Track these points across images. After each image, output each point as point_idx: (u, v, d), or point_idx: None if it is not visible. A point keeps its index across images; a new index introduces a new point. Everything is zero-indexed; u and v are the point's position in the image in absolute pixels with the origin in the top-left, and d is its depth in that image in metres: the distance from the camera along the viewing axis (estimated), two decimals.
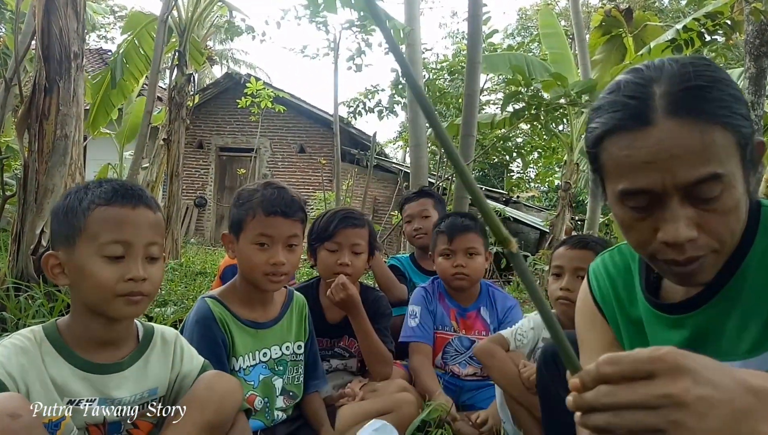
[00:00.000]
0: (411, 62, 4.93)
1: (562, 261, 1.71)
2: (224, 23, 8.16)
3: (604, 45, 7.18)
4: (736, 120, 0.74)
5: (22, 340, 1.03)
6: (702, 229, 0.76)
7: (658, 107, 0.73)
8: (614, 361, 0.57)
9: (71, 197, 1.09)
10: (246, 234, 1.47)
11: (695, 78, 0.74)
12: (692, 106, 0.72)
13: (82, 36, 3.05)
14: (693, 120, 0.72)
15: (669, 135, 0.72)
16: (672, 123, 0.73)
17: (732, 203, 0.75)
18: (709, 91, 0.73)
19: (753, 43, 3.90)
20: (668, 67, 0.76)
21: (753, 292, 0.82)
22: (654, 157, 0.73)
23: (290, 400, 1.58)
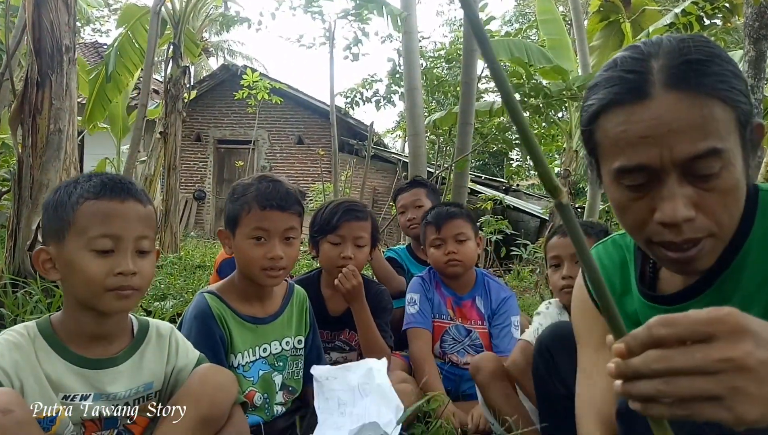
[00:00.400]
0: (407, 51, 4.89)
1: (558, 250, 1.70)
2: (218, 15, 8.10)
3: (602, 30, 7.12)
4: (736, 95, 0.72)
5: (15, 336, 1.03)
6: (700, 209, 0.73)
7: (656, 81, 0.71)
8: (669, 323, 0.52)
9: (61, 191, 1.08)
10: (242, 229, 1.45)
11: (694, 52, 0.72)
12: (691, 79, 0.71)
13: (74, 29, 3.02)
14: (692, 93, 0.70)
15: (667, 108, 0.70)
16: (670, 96, 0.71)
17: (731, 182, 0.73)
18: (708, 65, 0.71)
19: (752, 26, 3.86)
20: (666, 42, 0.74)
21: (752, 279, 0.80)
22: (652, 131, 0.71)
23: (289, 394, 1.57)
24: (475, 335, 2.05)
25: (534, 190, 13.52)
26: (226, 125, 12.45)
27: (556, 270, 1.70)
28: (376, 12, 4.14)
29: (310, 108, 11.96)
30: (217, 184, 12.45)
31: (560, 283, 1.67)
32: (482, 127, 8.54)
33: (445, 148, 8.16)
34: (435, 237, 2.04)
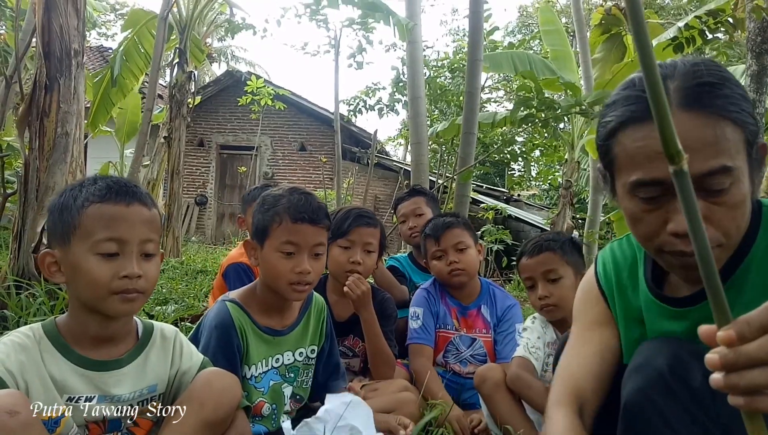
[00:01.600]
0: (412, 60, 4.92)
1: (529, 271, 1.72)
2: (224, 21, 8.15)
3: (604, 43, 7.15)
4: (745, 117, 0.77)
5: (21, 338, 1.03)
6: (710, 222, 0.77)
7: (672, 101, 0.76)
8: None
9: (66, 195, 1.09)
10: (271, 241, 1.41)
11: (707, 75, 0.77)
12: (704, 100, 0.76)
13: (83, 33, 3.04)
14: (705, 113, 0.75)
15: (683, 127, 0.74)
16: (685, 115, 0.75)
17: (739, 197, 0.77)
18: (720, 88, 0.77)
19: (755, 41, 3.89)
20: (681, 65, 0.79)
21: (754, 289, 0.84)
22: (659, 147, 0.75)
23: (297, 403, 1.56)
24: (479, 344, 2.05)
25: (535, 200, 13.53)
26: (229, 131, 12.49)
27: (532, 290, 1.72)
28: (383, 21, 4.17)
29: (313, 115, 12.00)
30: (219, 190, 12.47)
31: (538, 304, 1.70)
32: (485, 137, 8.56)
33: (448, 158, 8.18)
34: (435, 249, 2.06)
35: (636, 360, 0.90)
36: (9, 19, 6.84)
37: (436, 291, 2.11)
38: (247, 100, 8.41)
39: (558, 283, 1.68)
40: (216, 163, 12.52)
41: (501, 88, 13.82)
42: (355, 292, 1.76)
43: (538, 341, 1.71)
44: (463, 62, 7.91)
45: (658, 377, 0.83)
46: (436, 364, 2.06)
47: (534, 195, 14.18)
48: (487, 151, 9.00)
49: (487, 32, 8.02)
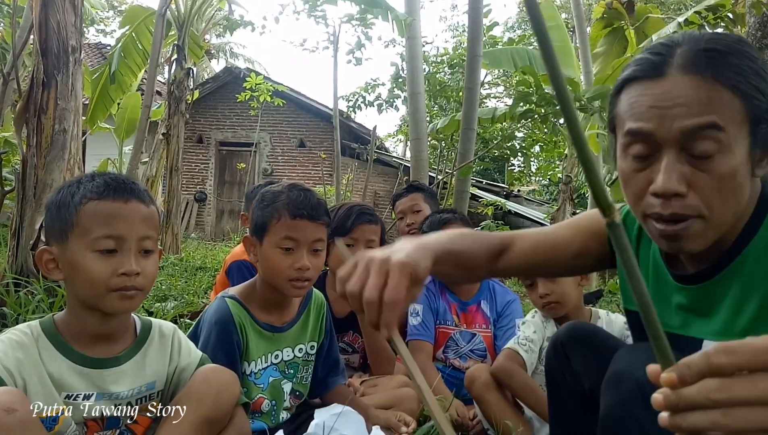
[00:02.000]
0: (411, 55, 4.90)
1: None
2: (223, 18, 8.13)
3: (606, 37, 7.13)
4: (749, 90, 0.76)
5: (18, 335, 1.03)
6: (693, 188, 0.77)
7: (674, 63, 0.78)
8: (730, 350, 0.49)
9: (64, 191, 1.08)
10: (270, 237, 1.41)
11: (716, 44, 0.77)
12: (704, 65, 0.76)
13: (80, 30, 3.03)
14: (703, 77, 0.76)
15: (676, 85, 0.77)
16: (682, 77, 0.77)
17: (727, 168, 0.76)
18: (726, 56, 0.76)
19: (755, 36, 3.87)
20: (696, 34, 0.80)
21: (750, 278, 0.83)
22: (659, 102, 0.77)
23: (296, 399, 1.56)
24: (479, 339, 2.05)
25: (534, 195, 13.53)
26: (228, 127, 12.47)
27: (532, 289, 1.71)
28: (381, 17, 4.16)
29: (312, 111, 11.98)
30: (218, 186, 12.46)
31: (540, 302, 1.69)
32: (484, 132, 8.55)
33: (447, 153, 8.17)
34: None
35: (615, 368, 0.88)
36: (6, 15, 6.82)
37: (435, 287, 2.11)
38: (246, 97, 8.39)
39: (558, 280, 1.67)
40: (215, 159, 12.50)
41: (500, 83, 13.80)
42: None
43: (533, 335, 1.71)
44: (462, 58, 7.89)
45: (637, 389, 0.80)
46: (436, 359, 2.06)
47: (534, 190, 14.18)
48: (487, 146, 8.98)
49: (486, 28, 7.99)
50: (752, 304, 0.82)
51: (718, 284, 0.86)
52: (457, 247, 0.98)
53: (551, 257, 1.06)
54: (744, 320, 0.83)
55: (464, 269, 1.01)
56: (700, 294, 0.88)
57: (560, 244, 1.05)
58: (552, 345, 1.20)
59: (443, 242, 0.95)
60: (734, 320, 0.84)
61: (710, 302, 0.87)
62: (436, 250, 0.90)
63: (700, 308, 0.89)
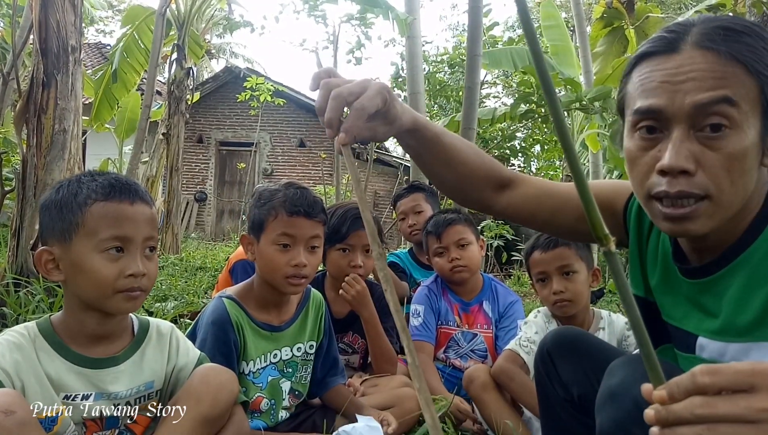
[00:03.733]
0: (411, 55, 4.90)
1: (542, 266, 1.68)
2: (223, 17, 8.12)
3: (606, 37, 7.12)
4: (765, 70, 0.74)
5: (16, 337, 1.03)
6: (702, 166, 0.75)
7: (689, 40, 0.77)
8: (713, 372, 0.54)
9: (64, 191, 1.07)
10: (267, 234, 1.43)
11: (731, 23, 0.77)
12: (719, 41, 0.75)
13: (80, 29, 3.03)
14: (717, 52, 0.74)
15: (690, 60, 0.75)
16: (696, 52, 0.75)
17: (737, 147, 0.74)
18: (741, 35, 0.75)
19: None
20: (712, 15, 0.80)
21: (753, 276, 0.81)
22: (671, 77, 0.76)
23: (295, 398, 1.56)
24: (480, 340, 2.05)
25: None
26: (228, 127, 12.47)
27: (544, 284, 1.69)
28: (382, 16, 4.15)
29: (312, 111, 11.95)
30: (218, 186, 12.46)
31: (552, 298, 1.67)
32: (484, 132, 8.54)
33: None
34: (437, 246, 2.05)
35: (610, 385, 0.87)
36: (6, 15, 6.82)
37: (437, 288, 2.11)
38: (246, 97, 8.39)
39: (573, 278, 1.65)
40: (215, 159, 12.50)
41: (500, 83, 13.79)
42: (350, 292, 1.75)
43: (535, 335, 1.69)
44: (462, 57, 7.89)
45: (635, 407, 0.79)
46: (437, 359, 2.06)
47: None
48: (487, 146, 8.98)
49: (486, 27, 7.99)
50: (755, 304, 0.80)
51: (722, 280, 0.85)
52: (449, 139, 0.97)
53: (555, 212, 1.02)
54: (745, 320, 0.81)
55: (454, 172, 0.99)
56: (704, 289, 0.87)
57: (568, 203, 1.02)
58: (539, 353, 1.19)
59: (436, 126, 0.95)
60: (735, 319, 0.83)
61: (713, 298, 0.86)
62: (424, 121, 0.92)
63: (703, 303, 0.88)
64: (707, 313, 0.87)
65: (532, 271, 1.73)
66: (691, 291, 0.89)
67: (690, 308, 0.90)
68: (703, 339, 0.87)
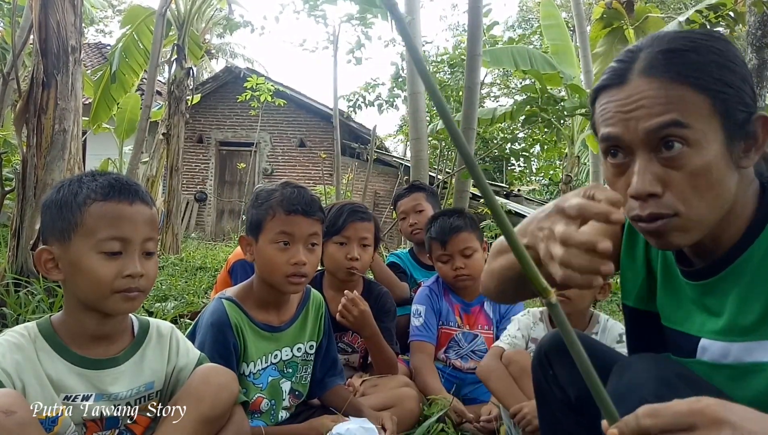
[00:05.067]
0: None
1: None
2: (223, 17, 8.12)
3: (606, 37, 7.13)
4: (713, 84, 0.77)
5: (16, 337, 1.02)
6: (668, 187, 0.78)
7: (635, 69, 0.80)
8: (654, 414, 0.58)
9: (64, 190, 1.06)
10: (266, 234, 1.43)
11: (677, 43, 0.79)
12: (662, 66, 0.78)
13: (80, 30, 3.03)
14: (660, 78, 0.78)
15: (637, 90, 0.79)
16: (642, 80, 0.79)
17: (699, 164, 0.77)
18: (686, 54, 0.78)
19: (755, 35, 3.87)
20: (661, 35, 0.82)
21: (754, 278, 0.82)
22: (622, 107, 0.80)
23: (295, 399, 1.56)
24: (481, 340, 2.05)
25: (535, 195, 13.52)
26: (228, 127, 12.47)
27: None
28: (381, 16, 4.16)
29: (312, 111, 11.98)
30: (218, 186, 12.46)
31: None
32: (484, 132, 8.54)
33: (447, 153, 8.17)
34: (441, 253, 2.03)
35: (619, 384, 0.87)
36: (7, 15, 6.82)
37: (439, 288, 2.11)
38: (246, 97, 8.39)
39: None
40: (215, 159, 12.50)
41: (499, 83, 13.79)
42: (352, 313, 1.72)
43: (516, 332, 1.73)
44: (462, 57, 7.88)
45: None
46: (437, 359, 2.06)
47: (534, 190, 14.17)
48: (487, 146, 8.98)
49: (486, 27, 7.99)
50: (757, 304, 0.81)
51: (724, 281, 0.85)
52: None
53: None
54: (748, 320, 0.82)
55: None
56: (707, 290, 0.88)
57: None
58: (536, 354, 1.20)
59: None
60: (737, 320, 0.83)
61: (716, 299, 0.87)
62: None
63: (707, 304, 0.88)
64: (711, 313, 0.87)
65: None
66: (695, 293, 0.90)
67: (693, 310, 0.91)
68: (706, 340, 0.87)
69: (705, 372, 0.86)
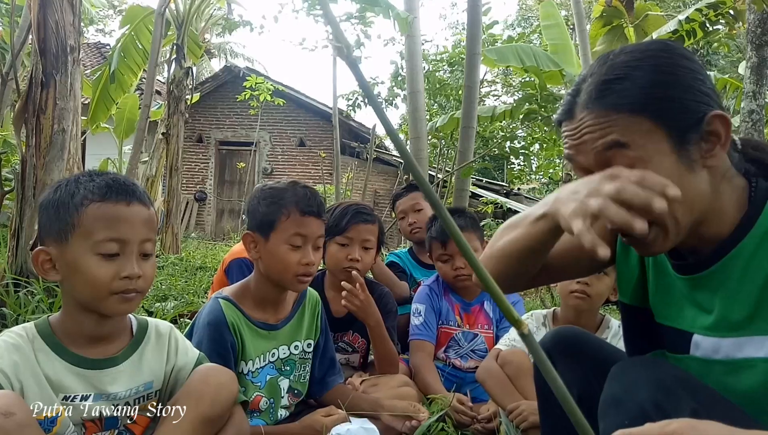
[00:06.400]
0: (410, 54, 4.90)
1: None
2: (222, 17, 8.11)
3: (605, 35, 7.12)
4: (651, 105, 0.81)
5: (14, 338, 1.02)
6: None
7: (579, 102, 0.87)
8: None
9: (62, 190, 1.06)
10: (279, 233, 1.43)
11: (611, 72, 0.84)
12: (598, 98, 0.84)
13: (79, 29, 3.03)
14: (598, 109, 0.84)
15: (581, 123, 0.86)
16: (584, 113, 0.86)
17: None
18: (619, 82, 0.83)
19: (755, 33, 3.87)
20: (603, 63, 0.87)
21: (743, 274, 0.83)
22: (573, 140, 0.88)
23: (295, 398, 1.56)
24: (480, 340, 2.05)
25: (535, 194, 13.52)
26: (227, 127, 12.46)
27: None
28: (382, 15, 4.15)
29: (312, 110, 11.97)
30: (218, 186, 12.46)
31: (573, 287, 1.67)
32: (484, 130, 8.54)
33: (447, 152, 8.17)
34: (442, 252, 2.04)
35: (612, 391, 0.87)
36: (5, 15, 6.81)
37: (439, 287, 2.10)
38: (246, 96, 8.39)
39: (601, 276, 1.66)
40: (215, 159, 12.50)
41: (499, 81, 13.79)
42: (354, 303, 1.73)
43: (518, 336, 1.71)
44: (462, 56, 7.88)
45: (641, 414, 0.79)
46: (437, 358, 2.06)
47: (534, 189, 14.17)
48: (487, 144, 8.98)
49: (486, 26, 7.98)
50: (747, 300, 0.82)
51: (713, 276, 0.87)
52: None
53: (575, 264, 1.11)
54: (738, 315, 0.83)
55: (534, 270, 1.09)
56: (697, 284, 0.89)
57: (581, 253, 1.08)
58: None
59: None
60: (727, 315, 0.85)
61: (706, 294, 0.88)
62: None
63: (698, 300, 0.90)
64: (702, 309, 0.89)
65: None
66: (686, 287, 0.91)
67: (685, 306, 0.92)
68: (698, 336, 0.88)
69: (699, 368, 0.87)
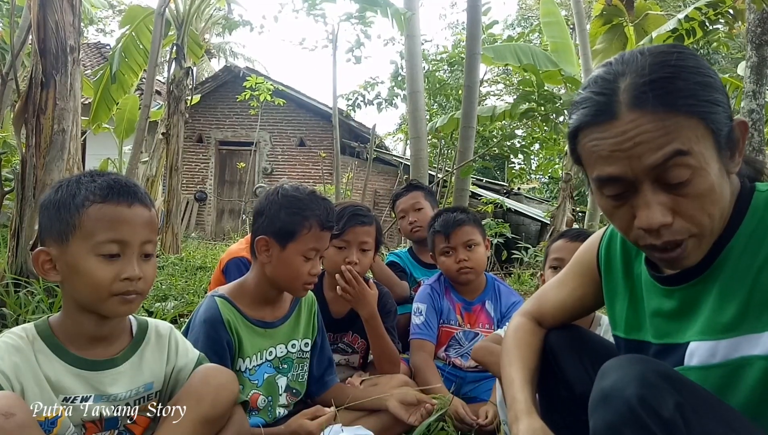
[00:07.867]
0: (410, 54, 4.89)
1: (562, 253, 1.70)
2: (222, 17, 8.11)
3: (605, 34, 7.12)
4: (703, 107, 0.77)
5: (14, 339, 1.02)
6: (677, 213, 0.79)
7: (621, 101, 0.78)
8: None
9: (62, 191, 1.06)
10: (297, 245, 1.45)
11: (658, 70, 0.77)
12: (651, 99, 0.76)
13: (78, 29, 3.03)
14: (653, 111, 0.76)
15: (632, 125, 0.77)
16: (634, 114, 0.77)
17: (704, 186, 0.77)
18: (672, 81, 0.77)
19: (755, 32, 3.86)
20: (635, 60, 0.80)
21: (732, 275, 0.84)
22: (619, 146, 0.78)
23: (293, 397, 1.57)
24: (481, 339, 2.04)
25: (535, 194, 13.52)
26: (227, 127, 12.46)
27: (555, 271, 1.70)
28: (380, 13, 4.15)
29: (312, 110, 11.97)
30: (218, 186, 12.46)
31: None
32: (484, 130, 8.54)
33: (447, 151, 8.17)
34: (444, 245, 2.04)
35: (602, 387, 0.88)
36: (5, 15, 6.81)
37: (440, 286, 2.10)
38: (246, 96, 8.38)
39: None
40: (215, 159, 12.50)
41: (500, 81, 13.77)
42: (349, 292, 1.75)
43: None
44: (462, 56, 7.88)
45: (628, 410, 0.79)
46: (438, 357, 2.06)
47: (534, 188, 14.17)
48: (487, 144, 8.98)
49: (485, 26, 7.97)
50: (735, 301, 0.83)
51: (703, 282, 0.87)
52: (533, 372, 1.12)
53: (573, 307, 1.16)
54: (726, 317, 0.83)
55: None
56: (686, 294, 0.89)
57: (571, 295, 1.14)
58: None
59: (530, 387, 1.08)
60: (717, 318, 0.85)
61: (695, 302, 0.88)
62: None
63: (685, 310, 0.90)
64: (691, 317, 0.89)
65: (551, 256, 1.77)
66: (674, 300, 0.91)
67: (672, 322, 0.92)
68: (694, 343, 0.88)
69: (696, 378, 0.86)
